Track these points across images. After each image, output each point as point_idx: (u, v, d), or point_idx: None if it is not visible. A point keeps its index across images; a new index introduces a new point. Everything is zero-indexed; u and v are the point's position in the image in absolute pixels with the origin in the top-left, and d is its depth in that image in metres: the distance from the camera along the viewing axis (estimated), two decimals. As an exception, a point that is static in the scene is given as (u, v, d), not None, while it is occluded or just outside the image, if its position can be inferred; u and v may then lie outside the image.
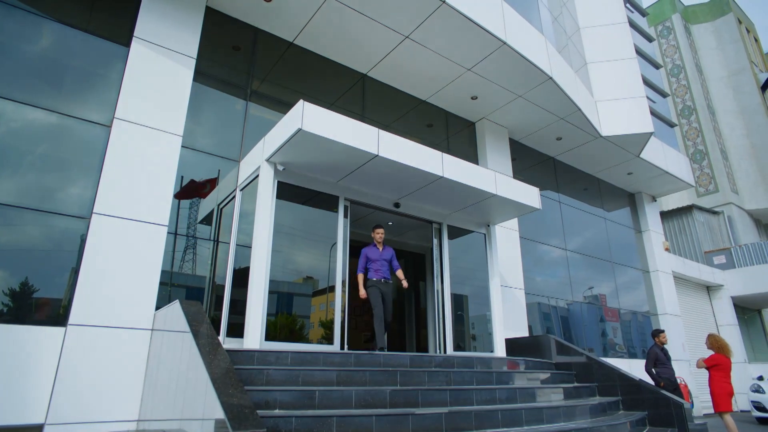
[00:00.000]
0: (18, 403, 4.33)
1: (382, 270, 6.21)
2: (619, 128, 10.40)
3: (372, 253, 6.29)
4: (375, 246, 6.34)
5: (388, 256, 6.35)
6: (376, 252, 6.30)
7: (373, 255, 6.27)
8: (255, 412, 2.85)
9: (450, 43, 7.49)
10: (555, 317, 10.17)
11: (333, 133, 5.09)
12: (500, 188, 6.71)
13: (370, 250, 6.31)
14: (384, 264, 6.25)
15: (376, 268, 6.20)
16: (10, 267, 4.76)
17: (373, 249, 6.32)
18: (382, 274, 6.20)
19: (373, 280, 6.15)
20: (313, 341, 5.63)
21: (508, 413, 4.28)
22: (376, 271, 6.19)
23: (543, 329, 9.70)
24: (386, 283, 6.20)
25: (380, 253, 6.27)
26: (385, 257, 6.29)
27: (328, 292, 5.82)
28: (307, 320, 5.81)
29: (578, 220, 11.69)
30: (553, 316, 10.15)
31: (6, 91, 5.07)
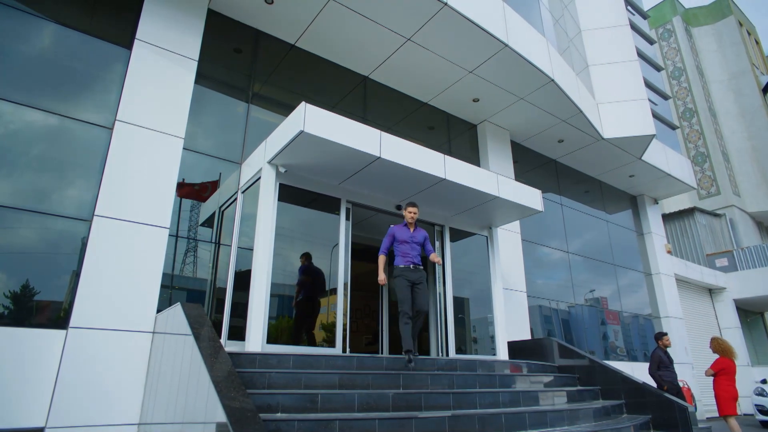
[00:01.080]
0: (19, 406, 4.30)
1: (411, 254, 5.28)
2: (621, 130, 10.39)
3: (401, 232, 5.36)
4: (405, 226, 5.44)
5: (421, 239, 5.43)
6: (405, 232, 5.36)
7: (401, 235, 5.33)
8: (257, 416, 2.83)
9: (452, 45, 7.49)
10: (556, 320, 10.14)
11: (335, 135, 5.08)
12: (502, 190, 6.69)
13: (398, 229, 5.40)
14: (415, 248, 5.33)
15: (404, 252, 5.28)
16: (11, 269, 4.74)
17: (403, 228, 5.41)
18: (412, 259, 5.25)
19: (400, 267, 5.21)
20: (320, 344, 5.60)
21: (512, 417, 4.25)
22: (404, 255, 5.27)
23: (544, 332, 9.67)
24: (416, 269, 5.25)
25: (411, 234, 5.36)
26: (416, 239, 5.38)
27: (329, 294, 5.79)
28: None
29: (580, 222, 11.67)
30: (554, 319, 10.12)
31: (8, 93, 5.07)
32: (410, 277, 5.19)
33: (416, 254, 5.34)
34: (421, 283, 5.25)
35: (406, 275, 5.19)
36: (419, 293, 5.18)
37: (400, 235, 5.37)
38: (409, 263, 5.25)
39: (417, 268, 5.28)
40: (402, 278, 5.17)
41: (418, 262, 5.32)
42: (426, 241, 5.51)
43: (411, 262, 5.26)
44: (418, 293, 5.18)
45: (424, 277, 5.34)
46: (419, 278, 5.24)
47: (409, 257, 5.28)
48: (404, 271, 5.21)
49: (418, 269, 5.29)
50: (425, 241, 5.50)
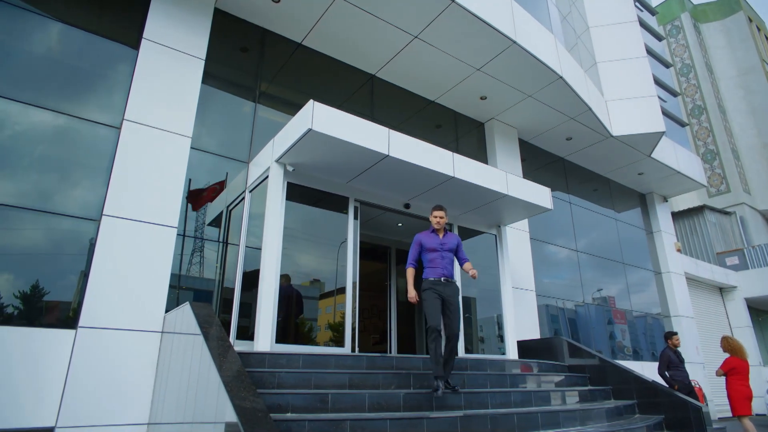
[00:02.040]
0: (29, 405, 4.30)
1: (442, 264, 4.60)
2: (630, 128, 10.28)
3: (429, 239, 4.73)
4: (433, 232, 4.81)
5: (453, 246, 4.75)
6: (434, 239, 4.73)
7: (430, 242, 4.70)
8: (268, 416, 2.80)
9: (459, 42, 7.43)
10: (562, 319, 10.04)
11: (343, 133, 5.04)
12: (511, 188, 6.63)
13: (425, 237, 4.79)
14: (446, 257, 4.66)
15: (434, 263, 4.62)
16: (20, 269, 4.74)
17: (431, 235, 4.79)
18: (443, 271, 4.57)
19: (429, 281, 4.56)
20: (322, 344, 5.57)
21: (524, 417, 4.20)
22: (433, 267, 4.61)
23: (550, 331, 9.58)
24: (448, 282, 4.55)
25: (440, 241, 4.71)
26: (447, 246, 4.70)
27: (336, 294, 5.76)
28: (314, 323, 5.75)
29: (588, 221, 11.57)
30: (561, 318, 10.02)
31: (16, 93, 5.07)
32: (442, 291, 4.48)
33: (447, 264, 4.65)
34: (454, 300, 4.52)
35: (437, 288, 4.50)
36: (451, 313, 4.46)
37: (428, 242, 4.71)
38: (440, 275, 4.56)
39: (449, 281, 4.57)
40: (432, 291, 4.51)
41: (449, 274, 4.62)
42: (459, 248, 4.84)
43: (442, 273, 4.58)
44: (450, 313, 4.46)
45: (457, 292, 4.63)
46: (451, 294, 4.52)
47: (439, 268, 4.59)
48: (435, 284, 4.53)
49: (450, 283, 4.58)
50: (458, 249, 4.83)
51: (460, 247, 4.88)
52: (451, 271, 4.66)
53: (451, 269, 4.69)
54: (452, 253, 4.76)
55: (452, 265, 4.72)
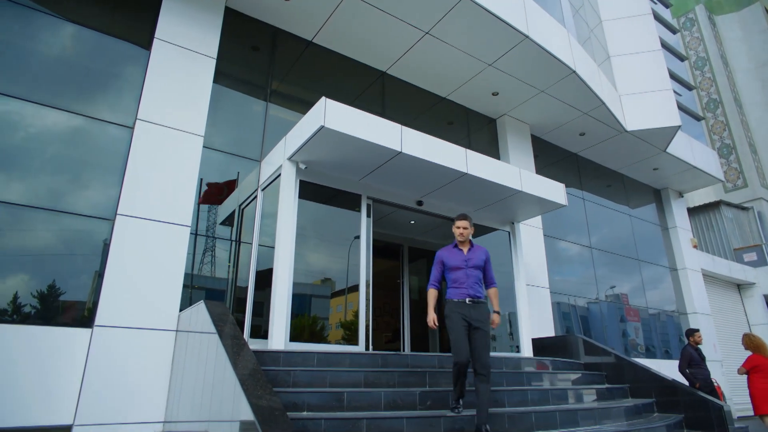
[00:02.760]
0: (47, 403, 4.34)
1: (467, 283, 4.05)
2: (644, 122, 10.12)
3: (451, 256, 4.20)
4: (456, 247, 4.27)
5: (480, 261, 4.18)
6: (457, 255, 4.19)
7: (453, 260, 4.16)
8: (285, 414, 2.78)
9: (471, 38, 7.36)
10: (574, 316, 9.92)
11: (355, 129, 5.01)
12: (525, 184, 6.55)
13: (448, 253, 4.26)
14: (472, 274, 4.09)
15: (458, 282, 4.07)
16: (36, 269, 4.78)
17: (453, 251, 4.25)
18: (469, 291, 4.02)
19: (453, 302, 4.02)
20: (335, 342, 5.55)
21: (542, 415, 4.14)
22: (458, 286, 4.06)
23: (562, 329, 9.47)
24: (476, 303, 3.99)
25: (464, 257, 4.16)
26: (473, 263, 4.14)
27: (347, 293, 5.73)
28: (325, 322, 5.73)
29: (602, 217, 11.42)
30: (573, 316, 9.90)
31: (31, 94, 5.11)
32: (467, 314, 3.93)
33: (474, 282, 4.07)
34: (484, 325, 3.91)
35: (463, 311, 3.94)
36: (480, 340, 3.85)
37: (451, 259, 4.18)
38: (465, 295, 4.00)
39: (476, 302, 3.98)
40: (457, 314, 3.94)
41: (477, 293, 4.02)
42: (487, 264, 4.24)
43: (467, 294, 4.00)
44: (479, 339, 3.85)
45: (487, 315, 4.00)
46: (480, 317, 3.92)
47: (464, 288, 4.02)
48: (458, 306, 3.97)
49: (478, 304, 3.98)
50: (486, 265, 4.23)
51: (488, 264, 4.24)
52: (478, 290, 4.05)
53: (479, 288, 4.08)
54: (479, 271, 4.14)
55: (480, 284, 4.13)
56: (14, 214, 4.76)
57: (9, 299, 4.56)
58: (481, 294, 4.10)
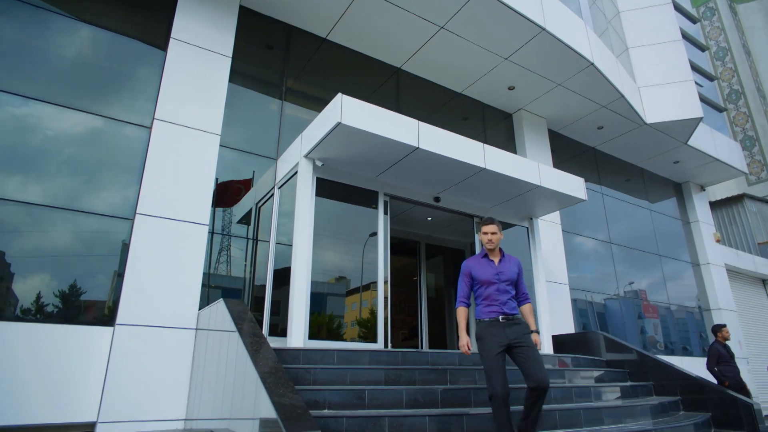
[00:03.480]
0: (71, 401, 4.39)
1: (501, 299, 3.57)
2: (665, 114, 9.89)
3: (480, 269, 3.70)
4: (485, 257, 3.76)
5: (513, 274, 3.69)
6: (487, 267, 3.69)
7: (483, 273, 3.66)
8: (308, 413, 2.75)
9: (486, 31, 7.26)
10: (591, 313, 9.74)
11: (372, 125, 4.97)
12: (544, 179, 6.45)
13: (476, 265, 3.75)
14: (505, 289, 3.61)
15: (490, 298, 3.60)
16: (58, 268, 4.84)
17: (483, 262, 3.74)
18: (502, 308, 3.55)
19: (483, 322, 3.55)
20: (352, 340, 5.52)
21: (566, 413, 4.06)
22: (489, 303, 3.59)
23: (579, 326, 9.32)
24: (511, 320, 3.52)
25: (495, 270, 3.67)
26: (506, 276, 3.66)
27: (362, 291, 5.70)
28: (341, 320, 5.71)
29: (621, 211, 11.21)
30: (590, 312, 9.73)
31: (51, 95, 5.17)
32: (502, 334, 3.45)
33: (508, 298, 3.61)
34: (526, 339, 3.47)
35: (495, 333, 3.46)
36: (527, 354, 3.38)
37: (480, 272, 3.67)
38: (497, 313, 3.52)
39: (511, 319, 3.52)
40: (490, 335, 3.45)
41: (511, 310, 3.57)
42: (520, 277, 3.76)
43: (501, 311, 3.53)
44: (526, 354, 3.38)
45: (525, 330, 3.55)
46: (518, 334, 3.46)
47: (496, 305, 3.56)
48: (491, 326, 3.50)
49: (514, 321, 3.52)
50: (519, 278, 3.75)
51: (520, 277, 3.76)
52: (512, 306, 3.60)
53: (514, 304, 3.63)
54: (512, 285, 3.68)
55: (514, 300, 3.70)
56: (35, 215, 4.82)
57: (32, 298, 4.62)
58: (516, 311, 3.62)
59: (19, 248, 4.67)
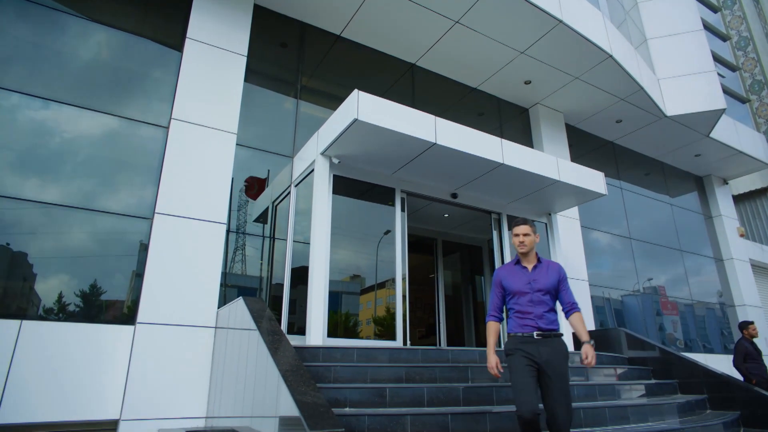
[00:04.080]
0: (95, 398, 4.44)
1: (535, 312, 3.14)
2: (686, 106, 9.67)
3: (512, 278, 3.28)
4: (518, 264, 3.33)
5: (550, 283, 3.21)
6: (519, 276, 3.26)
7: (514, 282, 3.25)
8: (330, 411, 2.73)
9: (502, 25, 7.16)
10: (608, 310, 9.57)
11: (389, 122, 4.93)
12: (563, 174, 6.35)
13: (507, 273, 3.34)
14: (541, 300, 3.16)
15: (522, 311, 3.17)
16: (77, 268, 4.89)
17: (515, 270, 3.31)
18: (537, 322, 3.11)
19: (515, 337, 3.15)
20: (367, 338, 5.48)
21: (591, 412, 3.98)
22: (522, 316, 3.16)
23: (596, 323, 9.16)
24: (546, 337, 3.08)
25: (528, 278, 3.23)
26: (541, 285, 3.19)
27: (377, 288, 5.67)
28: (356, 318, 5.69)
29: (640, 206, 10.99)
30: (607, 309, 9.55)
31: (70, 97, 5.23)
32: (534, 354, 3.02)
33: (545, 311, 3.15)
34: (560, 366, 3.01)
35: (527, 350, 3.06)
36: (555, 388, 2.95)
37: (511, 281, 3.26)
38: (531, 329, 3.10)
39: (547, 335, 3.07)
40: (520, 355, 3.06)
41: (549, 325, 3.11)
42: (562, 285, 3.25)
43: (534, 326, 3.10)
44: (553, 388, 2.95)
45: (562, 352, 3.08)
46: (553, 357, 3.01)
47: (529, 318, 3.13)
48: (523, 342, 3.09)
49: (550, 338, 3.08)
50: (561, 286, 3.25)
51: (563, 284, 3.26)
52: (551, 319, 3.14)
53: (552, 317, 3.16)
54: (550, 295, 3.19)
55: (553, 312, 3.19)
56: (55, 215, 4.88)
57: (54, 298, 4.69)
58: (555, 325, 3.15)
59: (40, 249, 4.74)
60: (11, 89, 4.94)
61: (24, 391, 4.19)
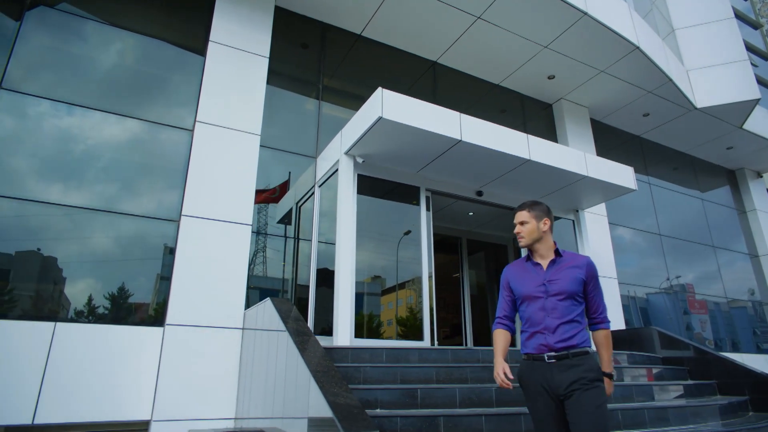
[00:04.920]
0: (127, 399, 4.49)
1: (548, 324, 2.35)
2: (717, 98, 9.36)
3: (521, 278, 2.54)
4: (530, 260, 2.57)
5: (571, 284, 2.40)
6: (531, 276, 2.50)
7: (524, 284, 2.51)
8: (364, 412, 2.68)
9: (525, 19, 7.03)
10: (633, 309, 9.28)
11: (414, 119, 4.87)
12: (591, 169, 6.20)
13: (516, 272, 2.59)
14: (556, 308, 2.37)
15: (533, 322, 2.41)
16: (106, 270, 4.96)
17: (526, 268, 2.55)
18: (548, 338, 2.33)
19: (526, 357, 2.43)
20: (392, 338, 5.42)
21: (629, 413, 3.85)
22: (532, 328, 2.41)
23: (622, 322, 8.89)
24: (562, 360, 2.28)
25: (542, 278, 2.46)
26: (557, 286, 2.41)
27: (398, 289, 5.60)
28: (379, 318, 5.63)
29: (668, 202, 10.68)
30: (632, 308, 9.27)
31: (94, 101, 5.31)
32: (546, 381, 2.28)
33: (562, 323, 2.32)
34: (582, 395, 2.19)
35: (538, 379, 2.31)
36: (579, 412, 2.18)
37: (520, 283, 2.52)
38: (542, 348, 2.32)
39: (563, 356, 2.27)
40: (532, 388, 2.34)
41: (567, 342, 2.29)
42: (591, 286, 2.43)
43: (546, 344, 2.31)
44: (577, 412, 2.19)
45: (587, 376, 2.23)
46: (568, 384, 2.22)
47: (540, 331, 2.35)
48: (532, 368, 2.35)
49: (568, 360, 2.27)
50: (589, 287, 2.44)
51: (592, 285, 2.43)
52: (571, 335, 2.29)
53: (573, 331, 2.30)
54: (571, 300, 2.36)
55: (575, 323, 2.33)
56: (82, 219, 4.95)
57: (84, 301, 4.76)
58: (578, 340, 2.30)
59: (69, 252, 4.82)
60: (41, 96, 5.04)
61: (59, 391, 4.25)
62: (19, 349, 4.22)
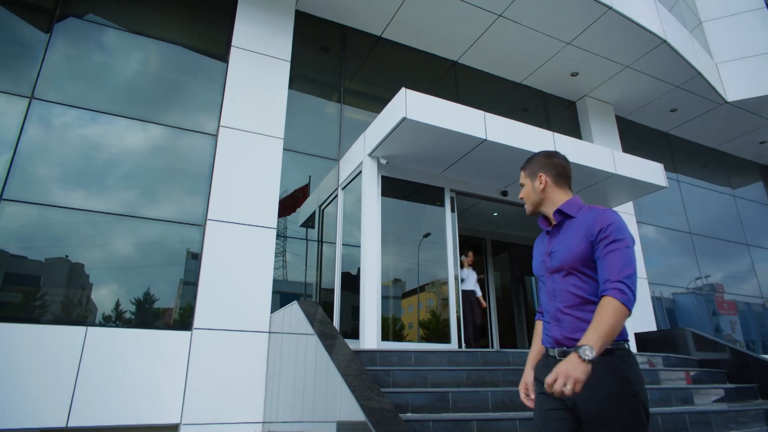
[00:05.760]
0: (157, 402, 4.52)
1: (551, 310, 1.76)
2: (749, 91, 9.05)
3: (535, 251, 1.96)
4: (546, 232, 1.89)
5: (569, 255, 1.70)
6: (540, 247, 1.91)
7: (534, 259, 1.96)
8: (398, 416, 2.63)
9: (547, 15, 6.92)
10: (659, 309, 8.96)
11: (438, 119, 4.81)
12: (619, 167, 6.04)
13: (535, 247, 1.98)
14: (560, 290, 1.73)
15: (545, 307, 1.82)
16: (132, 276, 5.01)
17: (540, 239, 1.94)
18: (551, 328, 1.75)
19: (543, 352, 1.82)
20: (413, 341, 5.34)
21: (669, 418, 3.70)
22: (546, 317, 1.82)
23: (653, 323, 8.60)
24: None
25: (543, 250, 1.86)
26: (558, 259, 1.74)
27: (419, 292, 5.52)
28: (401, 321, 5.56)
29: (697, 199, 10.35)
30: (658, 309, 8.95)
31: (120, 108, 5.38)
32: None
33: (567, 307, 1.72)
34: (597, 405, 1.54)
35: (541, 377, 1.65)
36: None
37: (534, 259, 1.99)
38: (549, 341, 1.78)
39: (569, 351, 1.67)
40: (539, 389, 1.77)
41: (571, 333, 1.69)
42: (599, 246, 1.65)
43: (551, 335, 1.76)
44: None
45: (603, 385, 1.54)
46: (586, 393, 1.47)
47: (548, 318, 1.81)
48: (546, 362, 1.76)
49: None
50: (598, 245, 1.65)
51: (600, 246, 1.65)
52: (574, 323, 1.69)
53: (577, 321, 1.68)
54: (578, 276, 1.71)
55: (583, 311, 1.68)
56: (106, 225, 5.01)
57: (111, 306, 4.81)
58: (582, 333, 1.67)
59: (94, 258, 4.88)
60: (69, 104, 5.13)
61: (91, 395, 4.30)
62: (52, 352, 4.29)
